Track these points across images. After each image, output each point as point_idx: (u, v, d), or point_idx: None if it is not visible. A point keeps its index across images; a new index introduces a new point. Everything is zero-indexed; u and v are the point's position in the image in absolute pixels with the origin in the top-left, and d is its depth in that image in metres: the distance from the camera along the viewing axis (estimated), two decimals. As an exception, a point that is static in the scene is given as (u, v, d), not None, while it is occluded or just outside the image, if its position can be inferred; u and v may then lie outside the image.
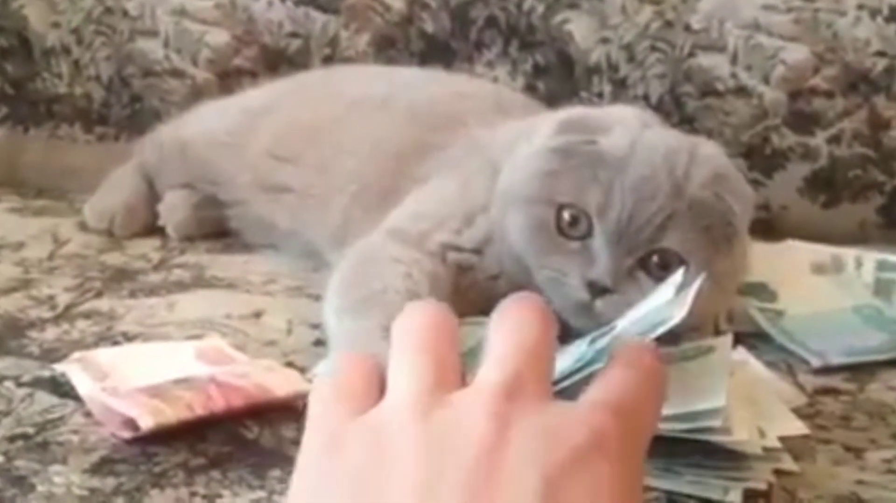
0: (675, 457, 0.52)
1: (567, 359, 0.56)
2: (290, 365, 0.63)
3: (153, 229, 0.92)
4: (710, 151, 0.69)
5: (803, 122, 1.02)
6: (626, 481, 0.35)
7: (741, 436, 0.52)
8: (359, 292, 0.64)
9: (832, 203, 1.02)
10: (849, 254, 0.81)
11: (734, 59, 1.01)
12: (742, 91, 1.01)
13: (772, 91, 1.01)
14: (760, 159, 1.02)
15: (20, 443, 0.53)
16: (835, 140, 1.01)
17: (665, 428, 0.51)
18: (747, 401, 0.55)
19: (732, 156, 1.00)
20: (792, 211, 1.03)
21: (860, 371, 0.68)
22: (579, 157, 0.65)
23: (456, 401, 0.36)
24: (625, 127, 0.67)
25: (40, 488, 0.49)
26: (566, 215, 0.65)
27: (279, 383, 0.59)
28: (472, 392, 0.36)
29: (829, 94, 1.00)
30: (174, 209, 0.92)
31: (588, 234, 0.64)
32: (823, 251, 0.82)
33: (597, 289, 0.63)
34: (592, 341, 0.57)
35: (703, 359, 0.55)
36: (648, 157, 0.65)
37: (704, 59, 1.02)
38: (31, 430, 0.54)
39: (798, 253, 0.82)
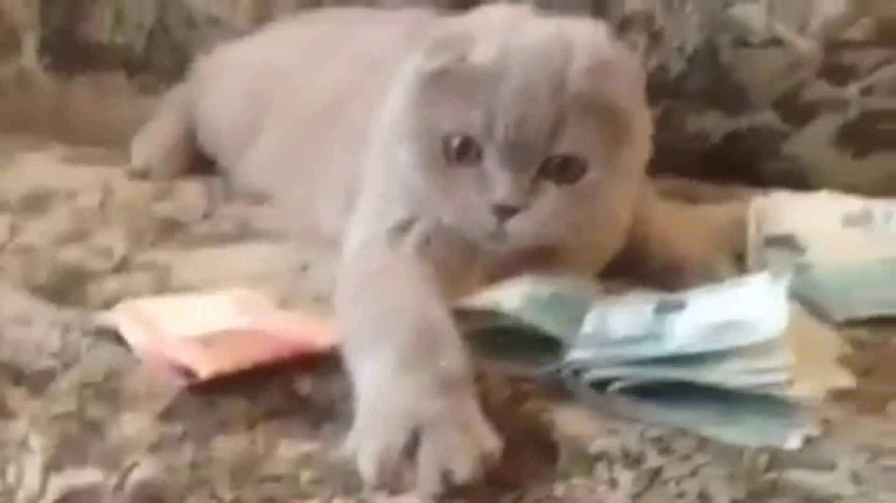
0: (735, 404, 0.55)
1: (629, 318, 0.59)
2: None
3: (193, 170, 0.96)
4: (587, 37, 0.66)
5: (837, 73, 1.02)
6: None
7: (802, 390, 0.55)
8: (364, 321, 0.59)
9: (862, 154, 1.03)
10: (879, 206, 0.82)
11: (770, 10, 1.02)
12: (776, 42, 1.02)
13: (806, 42, 1.01)
14: (792, 111, 1.03)
15: (90, 390, 0.57)
16: (867, 91, 1.02)
17: (731, 382, 0.55)
18: (803, 353, 0.57)
19: (762, 107, 1.04)
20: (823, 162, 1.04)
21: (885, 323, 0.70)
22: (451, 78, 0.63)
23: None
24: (492, 34, 0.65)
25: (114, 432, 0.53)
26: (453, 143, 0.63)
27: (319, 335, 0.61)
28: None
29: (863, 46, 1.01)
30: (149, 151, 0.96)
31: (479, 158, 0.63)
32: (854, 203, 0.83)
33: (504, 212, 0.62)
34: (658, 310, 0.60)
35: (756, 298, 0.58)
36: (522, 62, 0.63)
37: (740, 10, 1.02)
38: (99, 379, 0.58)
39: (829, 205, 0.84)
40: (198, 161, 0.98)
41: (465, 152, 0.64)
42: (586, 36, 0.67)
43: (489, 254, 0.66)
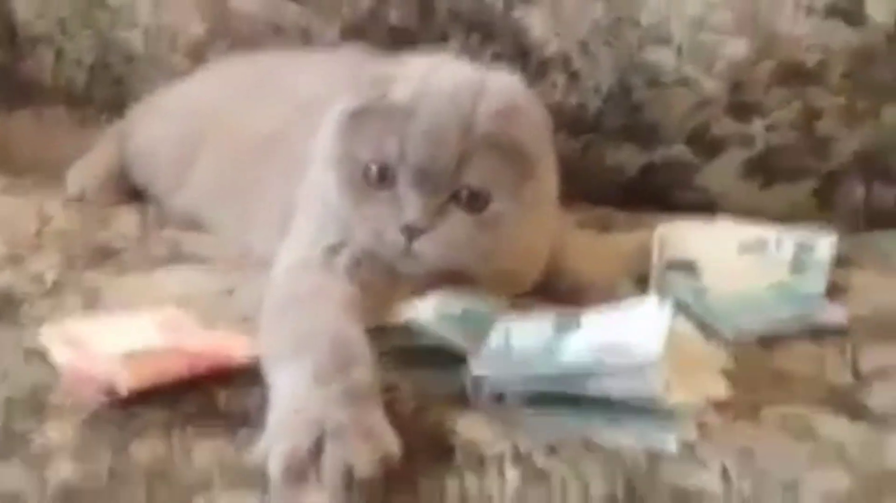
0: (623, 412, 0.61)
1: (530, 334, 0.64)
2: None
3: (129, 198, 1.00)
4: (500, 84, 0.72)
5: (742, 111, 1.09)
6: None
7: (679, 398, 0.61)
8: (284, 338, 0.63)
9: (768, 185, 1.10)
10: (772, 235, 0.88)
11: (679, 53, 1.08)
12: (685, 82, 1.09)
13: (713, 82, 1.08)
14: (702, 145, 1.10)
15: (18, 404, 0.60)
16: (771, 128, 1.09)
17: (613, 395, 0.60)
18: (684, 364, 0.63)
19: (674, 141, 1.10)
20: (731, 192, 1.10)
21: (771, 341, 0.76)
22: (372, 113, 0.70)
23: None
24: (411, 76, 0.71)
25: (38, 441, 0.56)
26: (372, 169, 0.69)
27: (237, 349, 0.65)
28: None
29: (766, 86, 1.08)
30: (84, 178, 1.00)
31: (394, 182, 0.69)
32: (750, 231, 0.89)
33: (411, 232, 0.68)
34: (557, 328, 0.65)
35: (641, 321, 0.63)
36: (435, 101, 0.69)
37: (651, 53, 1.09)
38: (25, 394, 0.61)
39: (727, 232, 0.89)
40: (132, 190, 1.02)
41: (382, 177, 0.69)
42: (500, 82, 0.73)
43: (411, 277, 0.71)
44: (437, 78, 0.72)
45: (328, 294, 0.68)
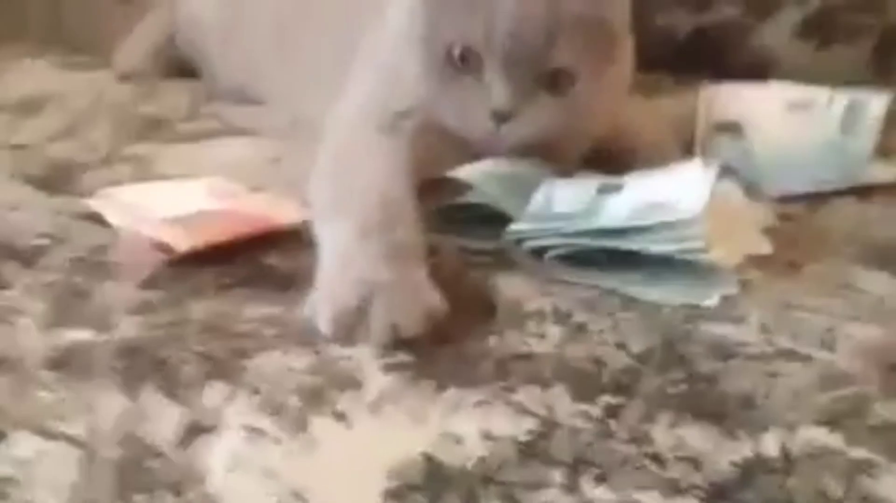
0: (662, 270, 0.61)
1: (573, 196, 0.65)
2: (305, 205, 0.68)
3: (178, 73, 1.01)
4: None
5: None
6: None
7: (719, 254, 0.61)
8: (335, 194, 0.65)
9: (824, 45, 1.07)
10: (823, 93, 0.86)
11: None
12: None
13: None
14: (755, 5, 1.07)
15: (78, 263, 0.63)
16: (828, -16, 1.05)
17: (653, 249, 0.61)
18: (726, 223, 0.63)
19: (727, 2, 1.07)
20: (786, 54, 1.08)
21: (818, 199, 0.76)
22: None
23: None
24: None
25: (99, 298, 0.59)
26: (456, 52, 0.69)
27: (286, 213, 0.67)
28: None
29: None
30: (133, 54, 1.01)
31: (479, 66, 0.68)
32: (799, 90, 0.87)
33: (500, 117, 0.68)
34: (600, 190, 0.65)
35: (684, 181, 0.64)
36: None
37: None
38: (85, 253, 0.64)
39: (775, 92, 0.88)
40: (179, 66, 1.03)
41: (465, 60, 0.69)
42: None
43: (473, 146, 0.71)
44: None
45: (385, 153, 0.68)
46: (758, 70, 1.06)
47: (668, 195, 0.63)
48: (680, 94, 0.97)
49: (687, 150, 0.82)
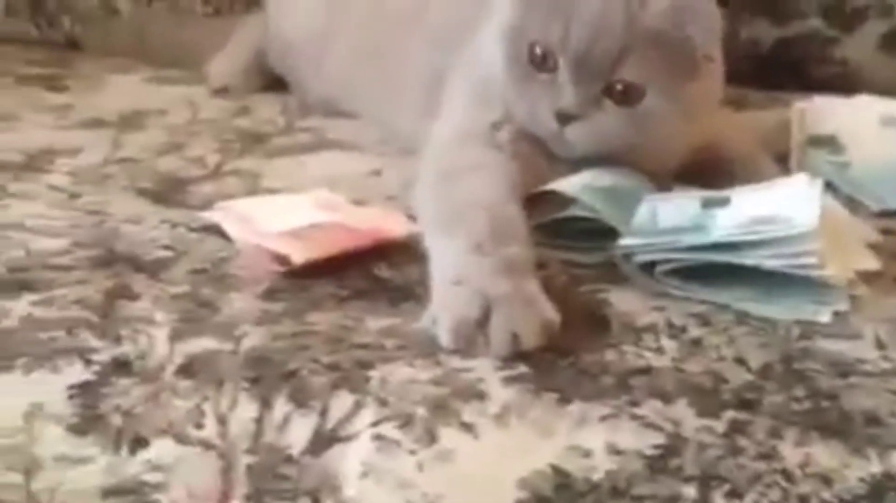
0: (773, 285, 0.62)
1: (677, 211, 0.66)
2: (410, 218, 0.70)
3: (269, 88, 1.03)
4: None
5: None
6: None
7: (831, 270, 0.61)
8: (444, 210, 0.66)
9: (909, 59, 1.07)
10: (916, 107, 0.86)
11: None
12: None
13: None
14: (839, 17, 1.07)
15: (201, 275, 0.65)
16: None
17: (768, 264, 0.61)
18: (834, 239, 0.63)
19: (810, 14, 1.07)
20: (870, 66, 1.07)
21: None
22: None
23: None
24: None
25: (224, 309, 0.61)
26: (537, 50, 0.71)
27: (394, 226, 0.69)
28: None
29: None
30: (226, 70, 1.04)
31: (555, 67, 0.71)
32: (893, 105, 0.87)
33: (564, 118, 0.70)
34: (705, 205, 0.66)
35: (793, 196, 0.64)
36: None
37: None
38: (208, 266, 0.66)
39: (869, 106, 0.88)
40: (270, 79, 1.05)
41: (544, 60, 0.71)
42: None
43: (567, 157, 0.72)
44: None
45: (488, 168, 0.70)
46: (840, 83, 1.06)
47: (778, 210, 0.63)
48: (768, 108, 0.97)
49: (780, 163, 0.82)
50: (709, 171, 0.77)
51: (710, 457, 0.50)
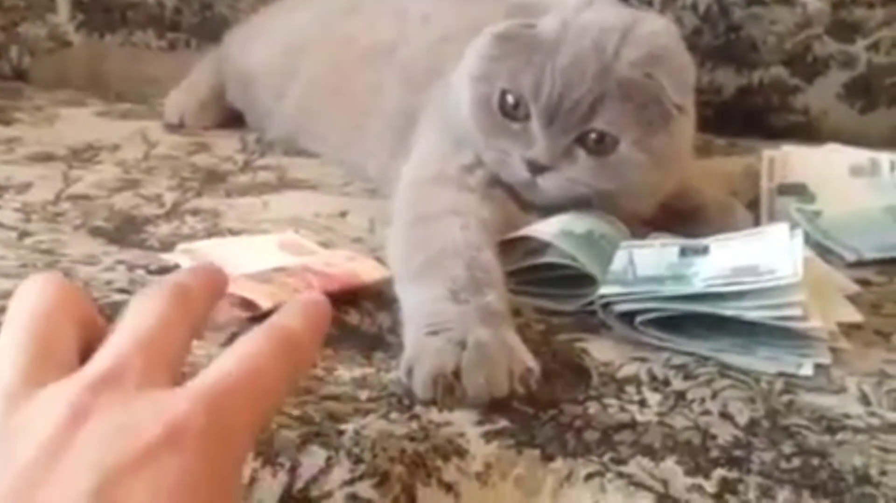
0: (752, 337, 0.60)
1: (655, 259, 0.64)
2: (379, 261, 0.68)
3: (225, 123, 1.01)
4: (650, 29, 0.71)
5: (844, 30, 1.06)
6: (205, 476, 0.34)
7: (815, 322, 0.60)
8: (418, 256, 0.64)
9: (870, 108, 1.08)
10: (884, 157, 0.87)
11: (780, -30, 1.05)
12: (786, 0, 1.06)
13: (815, 0, 1.05)
14: (802, 66, 1.08)
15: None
16: (873, 48, 1.06)
17: (750, 316, 0.60)
18: (815, 290, 0.62)
19: (773, 62, 1.08)
20: (831, 115, 1.08)
21: (890, 265, 0.75)
22: (517, 41, 0.70)
23: (42, 396, 0.35)
24: (561, 9, 0.70)
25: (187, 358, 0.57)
26: (508, 98, 0.70)
27: (364, 270, 0.66)
28: (63, 384, 0.35)
29: (869, 5, 1.05)
30: (183, 104, 1.01)
31: (527, 116, 0.69)
32: (861, 154, 0.88)
33: (536, 167, 0.69)
34: (683, 253, 0.64)
35: (774, 245, 0.63)
36: (578, 38, 0.69)
37: (752, -30, 1.06)
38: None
39: (838, 156, 0.88)
40: (228, 116, 1.03)
41: (516, 107, 0.70)
42: (649, 27, 0.72)
43: (541, 205, 0.71)
44: (586, 16, 0.71)
45: (462, 213, 0.68)
46: (802, 131, 1.07)
47: (759, 260, 0.62)
48: (733, 154, 0.97)
49: (750, 210, 0.81)
50: (682, 218, 0.76)
51: (701, 519, 0.48)
